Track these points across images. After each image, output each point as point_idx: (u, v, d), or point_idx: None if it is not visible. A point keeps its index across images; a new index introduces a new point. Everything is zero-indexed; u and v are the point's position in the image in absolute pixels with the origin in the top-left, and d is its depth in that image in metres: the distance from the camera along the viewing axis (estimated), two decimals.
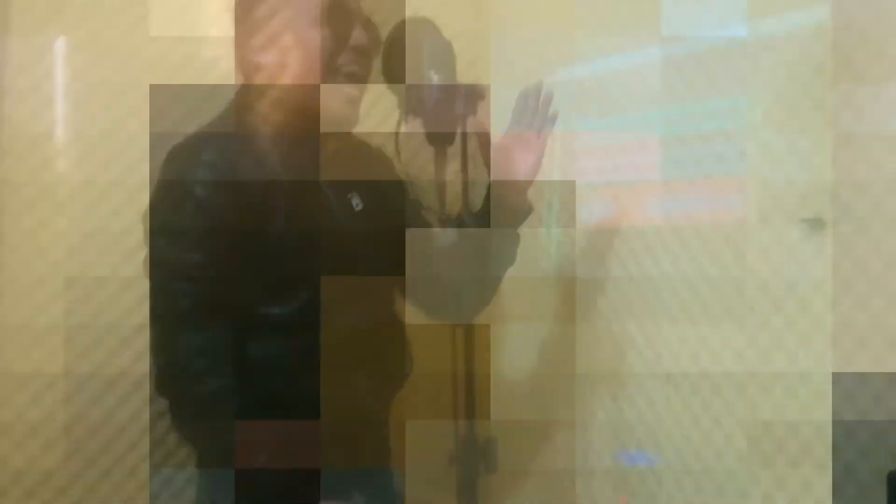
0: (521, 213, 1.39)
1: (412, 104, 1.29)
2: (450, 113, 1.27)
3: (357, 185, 1.36)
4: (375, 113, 1.43)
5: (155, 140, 1.34)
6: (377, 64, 1.30)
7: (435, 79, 1.27)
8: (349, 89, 1.30)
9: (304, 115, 1.28)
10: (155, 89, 1.42)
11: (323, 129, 1.30)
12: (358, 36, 1.30)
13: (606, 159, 1.58)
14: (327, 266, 1.26)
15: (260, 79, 1.29)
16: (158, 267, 1.23)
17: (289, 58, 1.27)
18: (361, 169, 1.39)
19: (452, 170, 1.30)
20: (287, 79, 1.27)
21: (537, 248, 1.66)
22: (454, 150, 1.26)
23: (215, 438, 1.22)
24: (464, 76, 1.32)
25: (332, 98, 1.29)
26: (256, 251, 1.23)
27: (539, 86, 1.38)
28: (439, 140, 1.28)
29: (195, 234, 1.21)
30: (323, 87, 1.27)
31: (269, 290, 1.25)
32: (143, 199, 1.27)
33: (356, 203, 1.35)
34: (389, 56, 1.27)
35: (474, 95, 1.28)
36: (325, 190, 1.32)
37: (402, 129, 1.32)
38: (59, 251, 1.57)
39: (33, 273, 1.57)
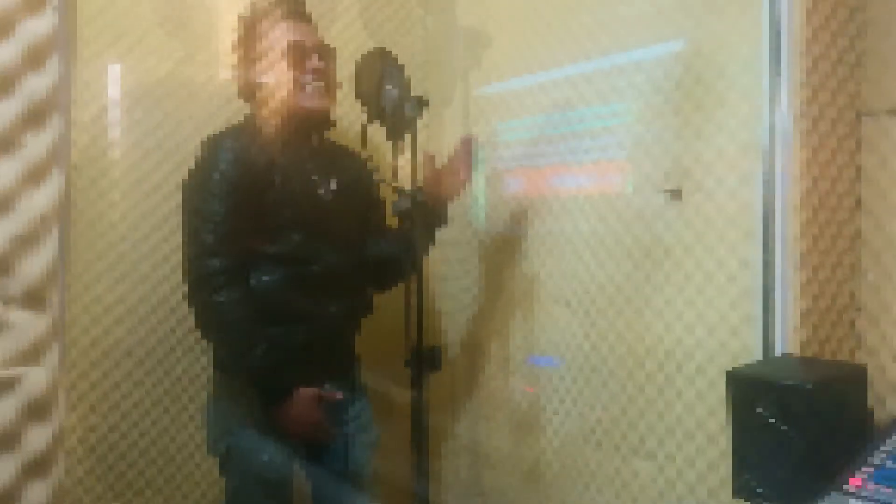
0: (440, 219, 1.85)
1: (373, 110, 1.74)
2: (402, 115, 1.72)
3: (335, 174, 1.85)
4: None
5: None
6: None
7: (390, 90, 1.69)
8: (318, 102, 1.77)
9: (288, 121, 1.77)
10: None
11: (304, 130, 1.78)
12: (314, 62, 1.77)
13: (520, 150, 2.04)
14: (310, 227, 1.77)
15: (256, 97, 1.79)
16: (191, 215, 1.73)
17: (270, 81, 1.75)
18: (338, 162, 1.88)
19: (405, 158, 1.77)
20: (271, 96, 1.76)
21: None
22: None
23: (231, 340, 1.69)
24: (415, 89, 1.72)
25: (305, 102, 1.76)
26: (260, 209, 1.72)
27: (473, 137, 1.84)
28: (395, 135, 1.75)
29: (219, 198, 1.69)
30: (300, 100, 1.75)
31: (268, 236, 1.74)
32: None
33: (332, 188, 1.83)
34: (358, 79, 1.73)
35: (419, 104, 1.73)
36: (312, 177, 1.82)
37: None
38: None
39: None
